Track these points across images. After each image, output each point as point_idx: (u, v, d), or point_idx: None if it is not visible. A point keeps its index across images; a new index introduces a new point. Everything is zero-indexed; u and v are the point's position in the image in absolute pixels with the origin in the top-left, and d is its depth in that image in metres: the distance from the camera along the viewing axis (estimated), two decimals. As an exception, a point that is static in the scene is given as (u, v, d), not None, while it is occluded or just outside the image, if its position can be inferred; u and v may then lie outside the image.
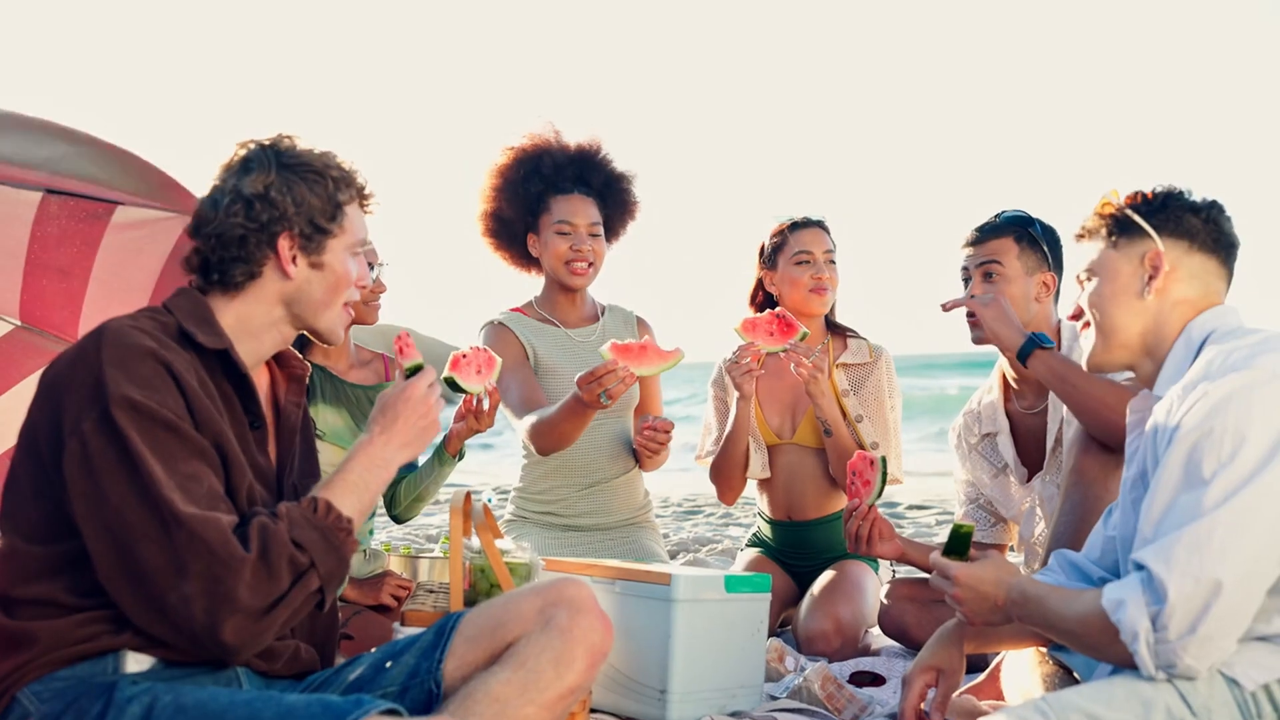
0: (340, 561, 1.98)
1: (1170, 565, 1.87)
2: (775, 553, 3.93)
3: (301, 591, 1.91)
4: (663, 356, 3.28)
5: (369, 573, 3.44)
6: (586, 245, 3.69)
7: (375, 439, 2.12)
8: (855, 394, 3.77)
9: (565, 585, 2.08)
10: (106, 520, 1.86)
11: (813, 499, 3.82)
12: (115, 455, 1.86)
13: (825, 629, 3.44)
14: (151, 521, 1.84)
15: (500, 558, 2.42)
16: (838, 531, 3.83)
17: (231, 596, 1.83)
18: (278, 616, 1.89)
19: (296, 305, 2.15)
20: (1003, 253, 3.26)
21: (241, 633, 1.85)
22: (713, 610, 2.78)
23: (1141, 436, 2.22)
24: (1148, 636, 1.88)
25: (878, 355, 3.82)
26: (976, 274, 3.28)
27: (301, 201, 2.11)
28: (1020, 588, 2.24)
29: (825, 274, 3.72)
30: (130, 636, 1.93)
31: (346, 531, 2.00)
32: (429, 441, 2.20)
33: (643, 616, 2.75)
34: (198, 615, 1.83)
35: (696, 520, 7.68)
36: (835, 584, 3.59)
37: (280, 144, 2.16)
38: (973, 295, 3.23)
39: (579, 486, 3.76)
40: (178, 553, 1.83)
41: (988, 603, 2.28)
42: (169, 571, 1.83)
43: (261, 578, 1.86)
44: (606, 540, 3.75)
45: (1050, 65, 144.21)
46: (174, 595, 1.83)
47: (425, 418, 2.16)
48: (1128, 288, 2.22)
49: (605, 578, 2.84)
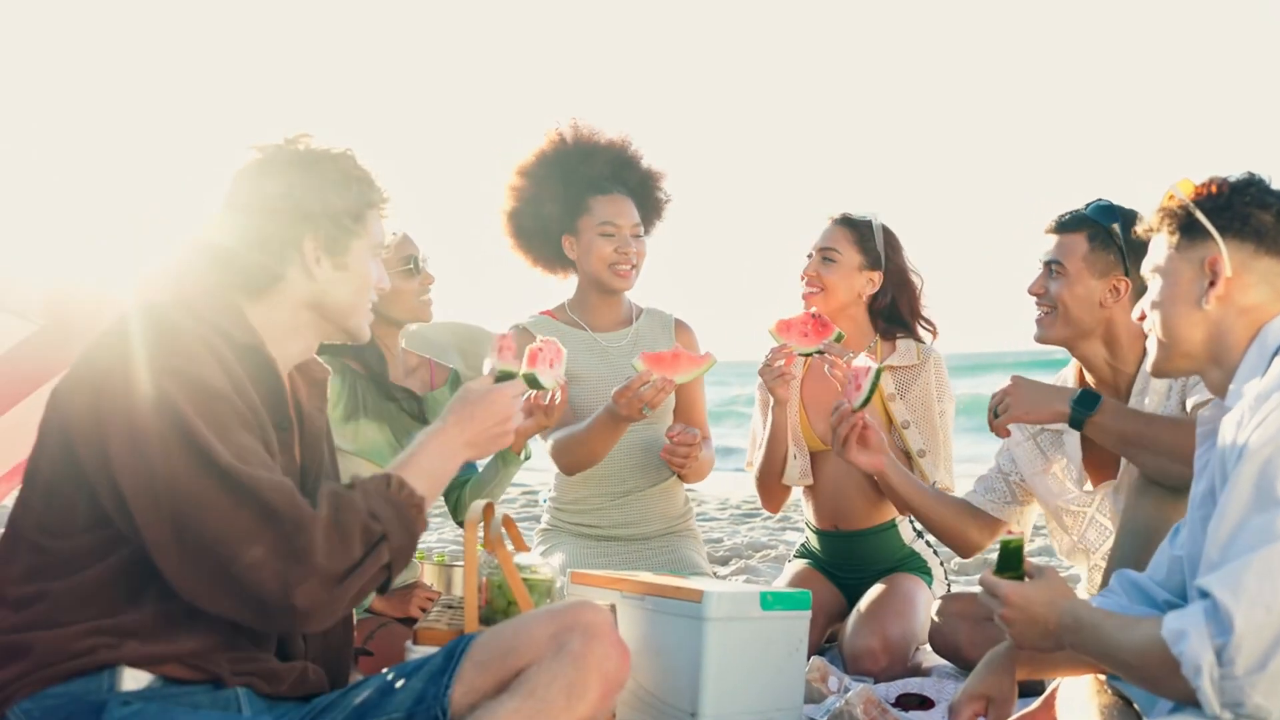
0: (411, 539, 1.94)
1: (1238, 594, 1.71)
2: (823, 565, 3.77)
3: (374, 564, 1.87)
4: (694, 362, 3.21)
5: (399, 583, 3.33)
6: (631, 247, 3.56)
7: (449, 429, 2.09)
8: (902, 398, 3.59)
9: (581, 610, 1.98)
10: (161, 496, 1.80)
11: (861, 508, 3.65)
12: (166, 426, 1.81)
13: (872, 647, 3.27)
14: (212, 488, 1.79)
15: (517, 574, 2.29)
16: (888, 543, 3.67)
17: (304, 557, 1.79)
18: (350, 587, 1.84)
19: (323, 309, 2.12)
20: (1070, 251, 3.00)
21: (314, 598, 1.80)
22: (747, 628, 2.63)
23: (1212, 450, 2.05)
24: (1212, 671, 1.71)
25: (926, 357, 3.63)
26: (1044, 269, 3.05)
27: (326, 202, 2.07)
28: (1074, 612, 2.07)
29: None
30: (131, 650, 1.86)
31: (419, 509, 1.96)
32: (496, 449, 2.18)
33: (673, 634, 2.62)
34: (268, 580, 1.77)
35: (753, 524, 7.52)
36: (884, 599, 3.42)
37: (298, 143, 2.11)
38: (995, 413, 2.94)
39: (611, 496, 3.63)
40: (244, 517, 1.78)
41: (1038, 626, 2.12)
42: (236, 538, 1.77)
43: (334, 541, 1.82)
44: (644, 551, 3.62)
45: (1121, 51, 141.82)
46: (242, 562, 1.77)
47: (501, 425, 2.15)
48: (1187, 294, 2.06)
49: (634, 593, 2.71)
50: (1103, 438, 2.82)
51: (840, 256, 3.60)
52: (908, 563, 3.69)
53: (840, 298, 3.60)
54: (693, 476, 3.61)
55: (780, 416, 3.52)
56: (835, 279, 3.59)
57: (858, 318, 3.67)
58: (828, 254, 3.61)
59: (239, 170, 2.09)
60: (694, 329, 3.82)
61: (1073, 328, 2.98)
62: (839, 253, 3.60)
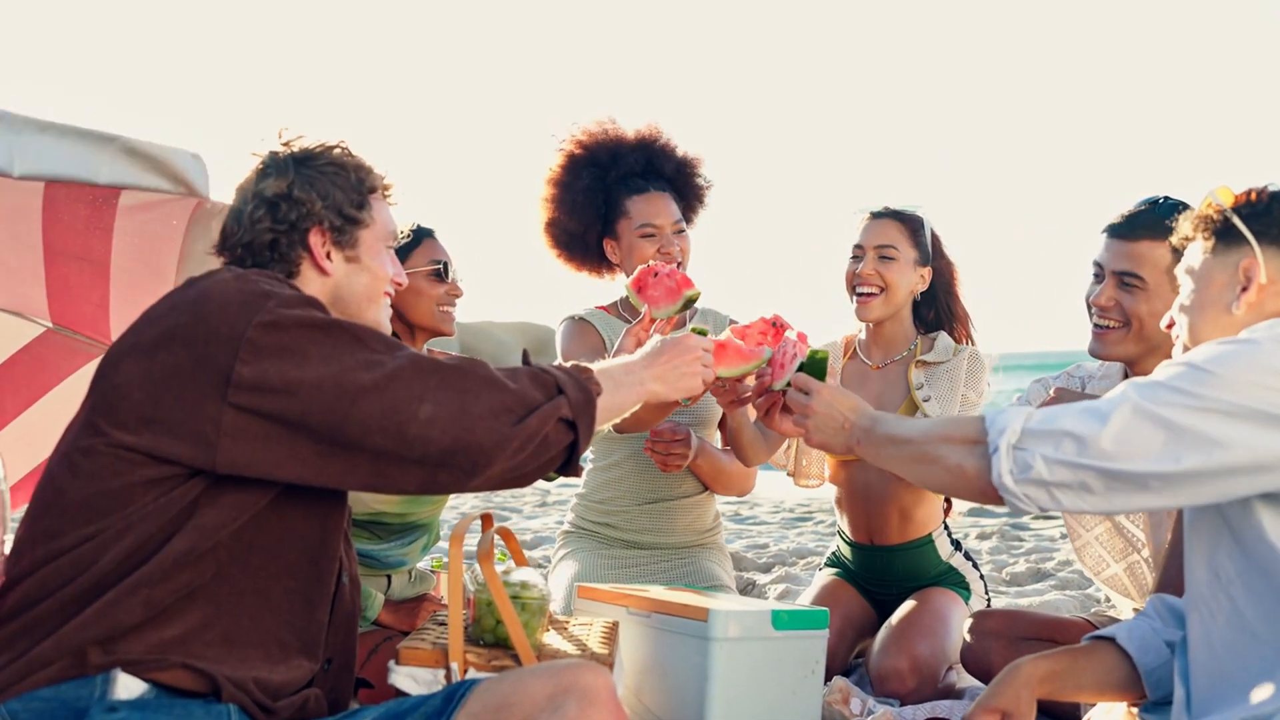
0: (588, 402, 1.98)
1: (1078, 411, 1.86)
2: (854, 576, 3.60)
3: (553, 411, 1.91)
4: (744, 356, 2.90)
5: (415, 594, 3.24)
6: (674, 247, 3.41)
7: (637, 360, 2.19)
8: (932, 391, 3.40)
9: (581, 672, 1.88)
10: (312, 401, 1.80)
11: (895, 522, 3.48)
12: (304, 333, 1.83)
13: (900, 667, 3.11)
14: (368, 370, 1.82)
15: (504, 593, 2.17)
16: (924, 558, 3.50)
17: (477, 394, 1.86)
18: (530, 426, 1.88)
19: (340, 304, 2.11)
20: (1149, 262, 2.71)
21: (496, 433, 1.85)
22: (758, 649, 2.50)
23: None
24: (1013, 438, 1.88)
25: (961, 353, 3.44)
26: (1111, 280, 2.76)
27: (327, 194, 2.09)
28: (874, 414, 2.21)
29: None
30: (126, 652, 1.79)
31: (594, 383, 2.02)
32: (682, 390, 2.23)
33: (679, 654, 2.49)
34: (443, 428, 1.82)
35: (803, 529, 7.36)
36: (915, 616, 3.26)
37: (293, 144, 2.12)
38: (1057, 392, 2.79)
39: (639, 501, 3.50)
40: (406, 384, 1.83)
41: (835, 422, 2.25)
42: (402, 404, 1.82)
43: (503, 384, 1.89)
44: (664, 561, 3.49)
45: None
46: (416, 423, 1.82)
47: (690, 366, 2.23)
48: (1219, 299, 2.00)
49: (640, 610, 2.59)
50: None
51: (898, 253, 3.37)
52: (945, 578, 3.51)
53: (900, 297, 3.41)
54: (726, 487, 3.48)
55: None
56: (896, 277, 3.38)
57: (904, 317, 3.50)
58: (885, 251, 3.37)
59: (240, 184, 2.11)
60: None
61: (1145, 344, 2.76)
62: (897, 249, 3.37)
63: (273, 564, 1.92)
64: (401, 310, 3.05)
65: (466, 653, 2.16)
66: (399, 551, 3.15)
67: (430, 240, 3.17)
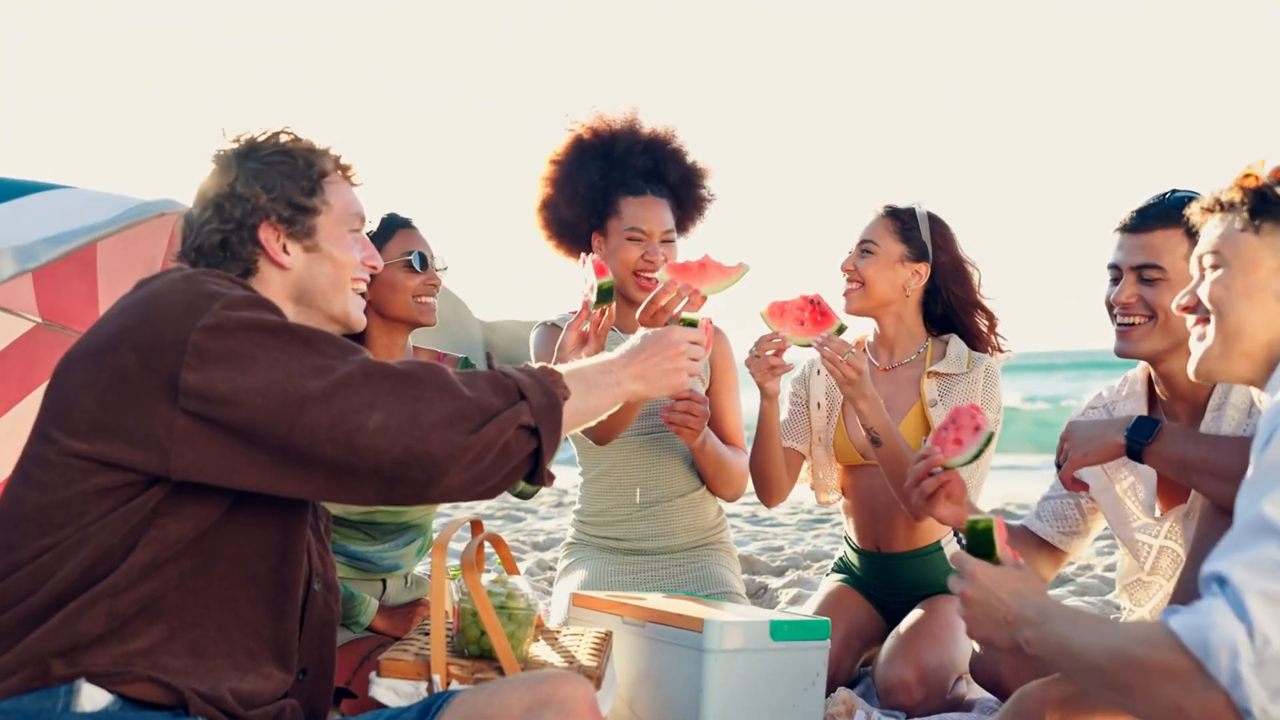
0: (553, 406, 1.88)
1: (1250, 575, 1.53)
2: (862, 583, 3.50)
3: (513, 418, 1.82)
4: (724, 272, 2.84)
5: (411, 600, 3.16)
6: (659, 255, 3.33)
7: (615, 358, 2.08)
8: (943, 404, 3.30)
9: (560, 683, 1.83)
10: (258, 410, 1.72)
11: (903, 529, 3.38)
12: (250, 337, 1.76)
13: (906, 677, 3.01)
14: (316, 376, 1.75)
15: (488, 603, 2.10)
16: (933, 566, 3.39)
17: (430, 402, 1.77)
18: (487, 435, 1.79)
19: (306, 297, 2.04)
20: (1167, 251, 2.60)
21: (449, 443, 1.76)
22: (754, 661, 2.43)
23: None
24: (1249, 655, 1.49)
25: (976, 364, 3.33)
26: (1129, 276, 2.64)
27: (273, 186, 2.00)
28: (1041, 605, 1.82)
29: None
30: (90, 664, 1.73)
31: (561, 386, 1.92)
32: (666, 386, 2.11)
33: (673, 666, 2.42)
34: (393, 438, 1.74)
35: (819, 531, 7.25)
36: (923, 624, 3.15)
37: (240, 139, 2.05)
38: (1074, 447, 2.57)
39: (637, 507, 3.42)
40: (355, 391, 1.75)
41: (997, 614, 1.87)
42: (350, 413, 1.74)
43: (459, 390, 1.80)
44: (670, 566, 3.40)
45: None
46: (365, 433, 1.74)
47: (672, 362, 2.10)
48: (1265, 284, 1.85)
49: (635, 619, 2.52)
50: (1164, 466, 2.48)
51: (878, 248, 3.30)
52: (955, 585, 3.41)
53: (881, 292, 3.31)
54: (726, 483, 3.39)
55: (770, 411, 3.19)
56: (874, 272, 3.29)
57: (906, 316, 3.39)
58: (866, 246, 3.31)
59: (201, 183, 2.04)
60: (729, 336, 3.59)
61: (1172, 337, 2.60)
62: (877, 244, 3.30)
63: (236, 573, 1.85)
64: (378, 304, 2.96)
65: (449, 664, 2.10)
66: (394, 554, 3.08)
67: (405, 231, 3.06)
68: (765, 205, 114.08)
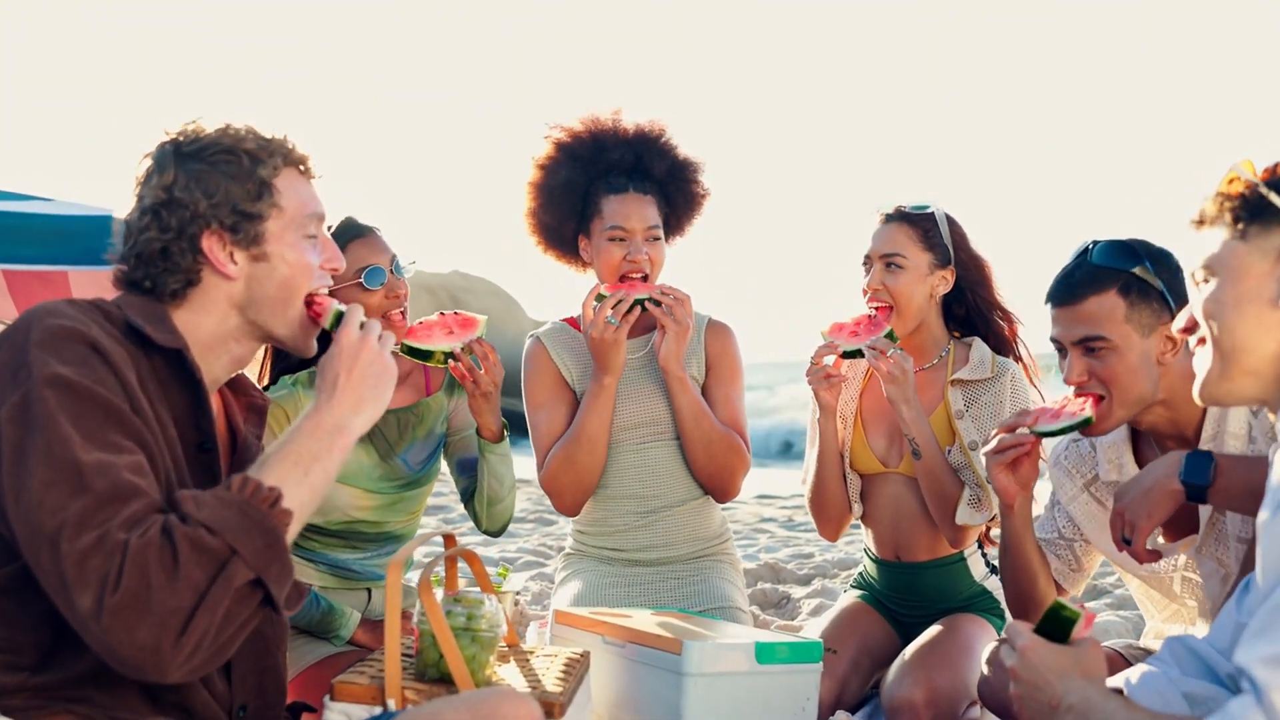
0: (273, 541, 1.63)
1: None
2: (880, 599, 3.35)
3: (226, 587, 1.57)
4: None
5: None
6: (643, 254, 3.19)
7: (320, 407, 1.79)
8: (970, 414, 3.13)
9: (502, 702, 1.75)
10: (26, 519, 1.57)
11: (925, 538, 3.22)
12: (37, 438, 1.58)
13: (913, 699, 2.83)
14: (58, 514, 1.54)
15: (445, 625, 1.98)
16: (956, 578, 3.24)
17: (144, 610, 1.51)
18: (199, 625, 1.54)
19: (251, 309, 1.90)
20: (1106, 317, 2.39)
21: (158, 660, 1.53)
22: (737, 685, 2.30)
23: None
24: None
25: (1001, 371, 3.17)
26: (1074, 351, 2.43)
27: (215, 190, 1.85)
28: (1085, 694, 1.73)
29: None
30: (6, 702, 1.65)
31: (271, 503, 1.65)
32: (387, 391, 1.86)
33: (653, 688, 2.31)
34: (98, 638, 1.53)
35: (854, 537, 7.08)
36: (937, 643, 2.99)
37: (182, 134, 1.89)
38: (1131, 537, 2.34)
39: (636, 516, 3.28)
40: (76, 563, 1.52)
41: (1043, 696, 1.77)
42: (69, 581, 1.53)
43: (167, 585, 1.53)
44: (669, 579, 3.27)
45: None
46: (77, 613, 1.54)
47: (373, 364, 1.84)
48: (1257, 292, 1.70)
49: (616, 639, 2.41)
50: (1233, 502, 2.25)
51: (907, 261, 3.10)
52: (977, 602, 3.24)
53: (916, 308, 3.13)
54: (725, 480, 3.25)
55: (829, 427, 3.13)
56: (906, 288, 3.10)
57: (931, 322, 3.22)
58: (892, 260, 3.10)
59: (135, 182, 1.90)
60: (734, 329, 3.44)
61: (1134, 406, 2.42)
62: (905, 257, 3.10)
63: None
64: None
65: (405, 689, 1.99)
66: (377, 563, 2.99)
67: (360, 241, 2.89)
68: (765, 205, 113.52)
